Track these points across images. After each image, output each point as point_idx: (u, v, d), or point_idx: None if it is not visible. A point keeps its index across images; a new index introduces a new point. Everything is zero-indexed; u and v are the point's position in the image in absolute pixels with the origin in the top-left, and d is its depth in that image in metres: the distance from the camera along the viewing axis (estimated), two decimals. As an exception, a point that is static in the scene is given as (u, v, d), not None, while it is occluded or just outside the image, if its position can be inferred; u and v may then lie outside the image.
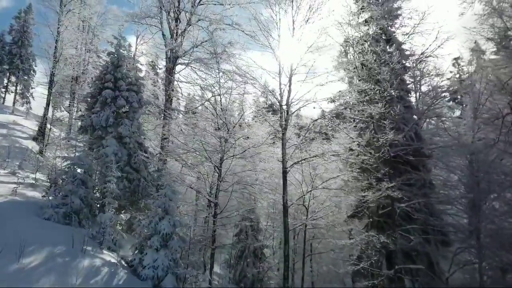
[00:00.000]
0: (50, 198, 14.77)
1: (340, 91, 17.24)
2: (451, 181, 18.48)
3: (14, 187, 15.49)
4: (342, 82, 18.39)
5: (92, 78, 36.81)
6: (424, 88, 19.75)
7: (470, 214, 16.04)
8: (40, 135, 28.43)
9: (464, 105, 18.23)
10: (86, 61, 36.24)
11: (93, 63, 37.44)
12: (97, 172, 17.39)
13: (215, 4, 24.08)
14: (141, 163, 19.41)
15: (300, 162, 16.94)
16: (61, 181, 15.55)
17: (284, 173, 16.80)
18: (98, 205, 17.14)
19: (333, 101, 18.58)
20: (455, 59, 48.16)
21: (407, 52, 20.39)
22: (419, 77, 18.19)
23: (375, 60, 17.90)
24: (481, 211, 15.64)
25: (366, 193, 14.18)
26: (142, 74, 22.49)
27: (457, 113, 38.97)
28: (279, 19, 18.18)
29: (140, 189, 19.11)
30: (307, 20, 17.59)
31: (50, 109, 32.47)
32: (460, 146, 16.85)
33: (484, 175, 16.12)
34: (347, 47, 20.14)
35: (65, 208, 14.22)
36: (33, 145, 28.41)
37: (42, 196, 15.66)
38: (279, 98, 17.59)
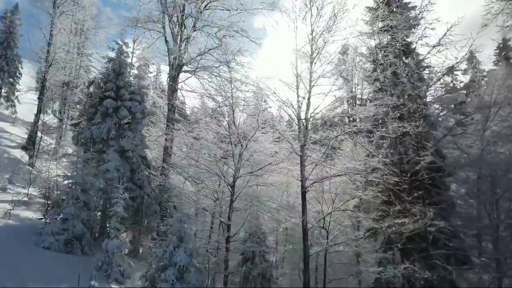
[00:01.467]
0: (49, 222, 13.29)
1: (363, 105, 16.12)
2: (470, 198, 17.72)
3: (8, 210, 13.94)
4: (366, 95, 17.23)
5: (84, 83, 35.36)
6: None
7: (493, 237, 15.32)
8: (30, 144, 26.59)
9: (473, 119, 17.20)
10: (78, 65, 34.55)
11: (85, 67, 35.91)
12: (99, 190, 15.88)
13: (222, 10, 22.80)
14: (145, 178, 17.97)
15: (321, 181, 15.77)
16: (60, 201, 14.09)
17: (303, 193, 15.59)
18: (99, 226, 15.74)
19: (349, 117, 17.46)
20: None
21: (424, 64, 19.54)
22: (442, 92, 17.24)
23: (394, 73, 16.96)
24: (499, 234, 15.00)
25: (403, 219, 13.04)
26: (144, 82, 20.89)
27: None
28: (296, 27, 17.11)
29: (144, 207, 17.66)
30: (328, 29, 16.52)
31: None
32: (476, 161, 16.09)
33: (504, 193, 15.39)
34: (373, 58, 19.16)
35: (66, 234, 12.77)
36: (22, 155, 26.59)
37: (39, 218, 14.14)
38: (297, 111, 16.45)
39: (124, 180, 17.01)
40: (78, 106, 34.49)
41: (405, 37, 19.75)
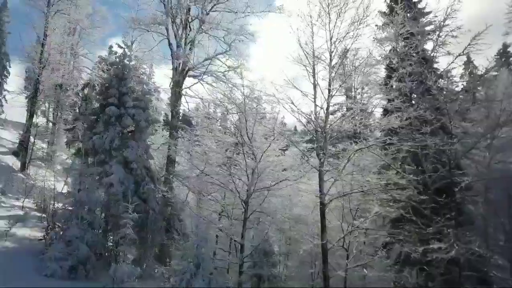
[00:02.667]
0: (50, 243, 12.11)
1: (385, 116, 15.24)
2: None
3: (5, 230, 12.72)
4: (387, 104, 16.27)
5: (77, 84, 33.96)
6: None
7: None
8: (22, 150, 25.16)
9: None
10: (71, 66, 33.14)
11: (77, 68, 34.52)
12: (103, 207, 14.70)
13: (229, 12, 21.73)
14: (150, 192, 16.83)
15: (341, 197, 14.82)
16: (61, 218, 12.92)
17: (322, 210, 14.63)
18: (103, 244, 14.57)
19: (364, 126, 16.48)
20: (480, 77, 47.32)
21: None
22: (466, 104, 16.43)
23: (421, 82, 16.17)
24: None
25: (439, 244, 12.14)
26: (148, 88, 19.68)
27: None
28: (312, 32, 16.16)
29: (149, 222, 16.49)
30: (353, 35, 15.62)
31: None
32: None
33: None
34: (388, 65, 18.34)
35: (71, 258, 11.60)
36: (14, 161, 25.21)
37: (39, 239, 12.96)
38: (315, 123, 15.50)
39: (129, 193, 15.94)
40: (72, 109, 33.32)
41: (423, 44, 19.03)
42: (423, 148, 14.66)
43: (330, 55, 15.78)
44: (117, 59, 18.00)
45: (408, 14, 18.33)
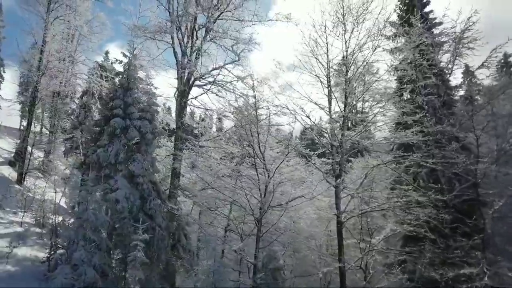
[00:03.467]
0: (55, 266, 11.35)
1: (398, 130, 14.74)
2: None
3: (6, 253, 11.92)
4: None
5: (75, 91, 33.14)
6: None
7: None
8: (19, 160, 24.25)
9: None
10: (69, 73, 32.26)
11: (75, 74, 33.64)
12: (109, 226, 13.91)
13: (235, 20, 21.14)
14: (157, 208, 16.09)
15: (359, 215, 14.24)
16: (67, 241, 12.14)
17: (339, 229, 14.03)
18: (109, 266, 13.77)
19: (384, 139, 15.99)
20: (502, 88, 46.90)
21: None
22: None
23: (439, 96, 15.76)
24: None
25: (469, 269, 11.50)
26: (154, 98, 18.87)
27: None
28: (327, 43, 15.65)
29: (155, 240, 15.69)
30: (363, 46, 15.14)
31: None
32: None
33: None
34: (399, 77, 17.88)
35: (77, 284, 10.83)
36: (10, 172, 24.30)
37: (42, 261, 12.18)
38: (330, 137, 14.94)
39: (134, 210, 15.25)
40: (70, 117, 32.44)
41: (437, 55, 18.66)
42: (444, 165, 14.16)
43: (346, 67, 15.35)
44: (122, 69, 17.33)
45: (420, 24, 17.88)
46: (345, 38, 15.28)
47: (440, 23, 20.21)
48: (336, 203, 14.08)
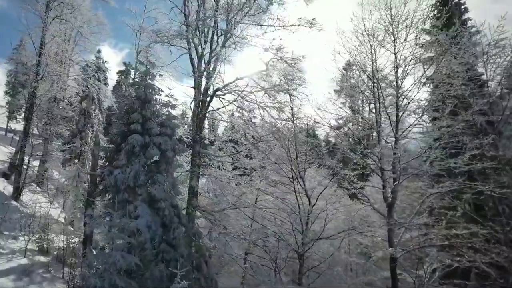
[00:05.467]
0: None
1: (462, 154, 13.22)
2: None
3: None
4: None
5: (73, 95, 30.97)
6: None
7: None
8: (16, 173, 22.08)
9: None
10: (67, 76, 30.13)
11: (72, 77, 31.52)
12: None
13: (256, 25, 19.39)
14: (180, 236, 14.29)
15: (416, 250, 12.63)
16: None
17: (393, 268, 12.42)
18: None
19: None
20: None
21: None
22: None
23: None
24: None
25: None
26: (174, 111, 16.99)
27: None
28: (373, 51, 14.11)
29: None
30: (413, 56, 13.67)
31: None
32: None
33: None
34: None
35: None
36: (5, 186, 22.17)
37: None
38: (379, 160, 13.36)
39: (157, 240, 13.45)
40: (68, 124, 30.24)
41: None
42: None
43: (397, 80, 13.78)
44: (139, 78, 15.49)
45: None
46: (395, 49, 13.75)
47: (478, 32, 18.93)
48: (388, 237, 12.50)
